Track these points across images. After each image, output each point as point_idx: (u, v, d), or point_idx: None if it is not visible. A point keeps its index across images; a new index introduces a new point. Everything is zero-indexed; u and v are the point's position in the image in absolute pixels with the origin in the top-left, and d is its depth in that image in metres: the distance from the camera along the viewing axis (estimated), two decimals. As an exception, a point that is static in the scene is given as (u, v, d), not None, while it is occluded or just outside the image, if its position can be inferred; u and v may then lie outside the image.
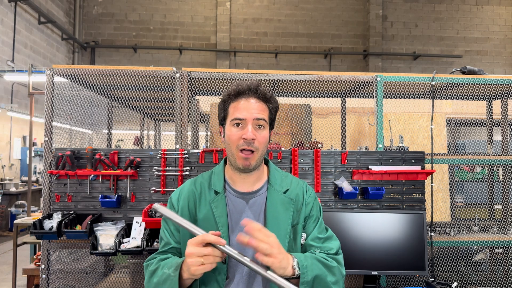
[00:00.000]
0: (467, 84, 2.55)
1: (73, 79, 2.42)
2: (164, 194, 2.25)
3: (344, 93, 2.97)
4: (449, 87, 2.69)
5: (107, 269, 2.57)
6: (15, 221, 4.26)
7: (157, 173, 2.25)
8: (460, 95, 2.89)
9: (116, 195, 2.21)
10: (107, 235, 2.11)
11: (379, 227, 2.16)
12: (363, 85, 2.58)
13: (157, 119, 4.35)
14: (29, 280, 3.62)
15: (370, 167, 2.32)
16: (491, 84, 2.54)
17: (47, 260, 2.28)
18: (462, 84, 2.56)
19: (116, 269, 2.60)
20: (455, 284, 2.18)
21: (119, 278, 2.44)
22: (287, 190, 1.38)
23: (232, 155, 1.31)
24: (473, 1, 11.47)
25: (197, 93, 2.75)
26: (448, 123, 3.76)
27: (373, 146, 2.45)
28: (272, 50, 11.11)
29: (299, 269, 1.17)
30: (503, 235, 2.64)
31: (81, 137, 2.65)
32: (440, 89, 2.76)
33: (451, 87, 2.69)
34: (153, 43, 10.99)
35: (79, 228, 2.16)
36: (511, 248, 2.83)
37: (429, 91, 2.68)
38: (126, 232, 2.18)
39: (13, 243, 4.12)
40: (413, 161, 2.36)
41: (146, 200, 2.27)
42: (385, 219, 2.18)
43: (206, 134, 4.04)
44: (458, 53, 11.32)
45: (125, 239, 2.14)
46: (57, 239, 2.14)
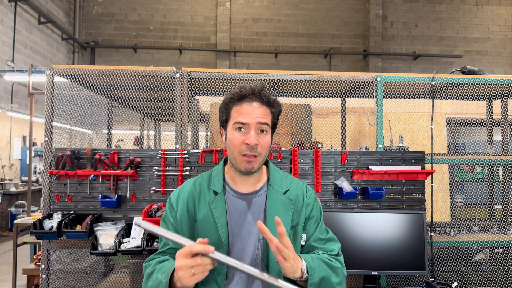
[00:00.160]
0: (467, 84, 2.55)
1: (73, 79, 2.42)
2: (164, 194, 2.26)
3: (344, 93, 2.97)
4: (449, 87, 2.69)
5: (107, 269, 2.57)
6: (15, 221, 4.25)
7: (157, 173, 2.25)
8: (460, 95, 2.89)
9: (116, 195, 2.21)
10: (107, 235, 2.11)
11: (379, 227, 2.16)
12: (363, 85, 2.58)
13: (157, 119, 4.35)
14: (29, 280, 3.62)
15: (370, 167, 2.32)
16: (491, 84, 2.54)
17: (47, 260, 2.28)
18: (462, 84, 2.56)
19: (116, 269, 2.60)
20: (455, 284, 2.18)
21: (119, 278, 2.44)
22: (287, 190, 1.37)
23: (234, 159, 1.29)
24: (473, 1, 11.47)
25: (197, 93, 2.75)
26: (448, 123, 3.76)
27: (373, 146, 2.45)
28: (272, 50, 11.11)
29: (307, 271, 1.18)
30: (503, 235, 2.64)
31: (81, 137, 2.65)
32: (440, 89, 2.76)
33: (451, 87, 2.69)
34: (153, 43, 10.99)
35: (79, 228, 2.17)
36: (511, 248, 2.83)
37: (429, 91, 2.68)
38: (126, 232, 2.18)
39: (13, 243, 4.11)
40: (413, 161, 2.36)
41: (146, 200, 2.27)
42: (385, 219, 2.18)
43: (206, 134, 4.03)
44: (458, 53, 11.32)
45: (125, 239, 2.14)
46: (57, 239, 2.14)
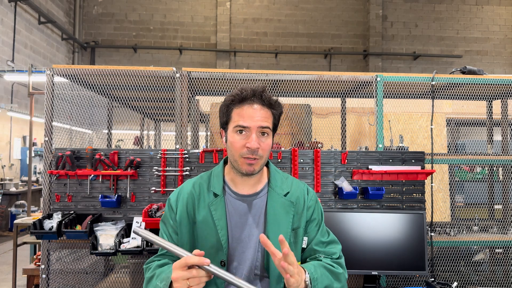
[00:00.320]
0: (467, 84, 2.55)
1: (73, 79, 2.42)
2: (164, 194, 2.25)
3: (344, 93, 2.97)
4: (449, 87, 2.69)
5: (107, 269, 2.57)
6: (15, 221, 4.25)
7: (157, 173, 2.25)
8: (460, 95, 2.89)
9: (116, 195, 2.21)
10: (107, 235, 2.11)
11: (379, 227, 2.16)
12: (363, 85, 2.58)
13: (157, 119, 4.35)
14: (29, 280, 3.62)
15: (370, 167, 2.32)
16: (491, 84, 2.54)
17: (47, 260, 2.28)
18: (462, 84, 2.56)
19: (116, 269, 2.60)
20: (455, 284, 2.18)
21: (119, 278, 2.44)
22: (287, 193, 1.36)
23: (235, 161, 1.28)
24: (473, 1, 11.47)
25: (197, 93, 2.75)
26: (448, 123, 3.76)
27: (373, 146, 2.45)
28: (272, 50, 11.11)
29: (311, 282, 1.18)
30: (503, 235, 2.64)
31: (81, 137, 2.65)
32: (440, 89, 2.76)
33: (451, 87, 2.69)
34: (153, 43, 10.99)
35: (79, 228, 2.16)
36: (511, 248, 2.83)
37: (429, 91, 2.68)
38: (126, 232, 2.18)
39: (13, 243, 4.11)
40: (413, 161, 2.36)
41: (146, 200, 2.27)
42: (385, 219, 2.18)
43: (206, 134, 4.03)
44: (458, 53, 11.32)
45: (125, 239, 2.14)
46: (57, 239, 2.14)
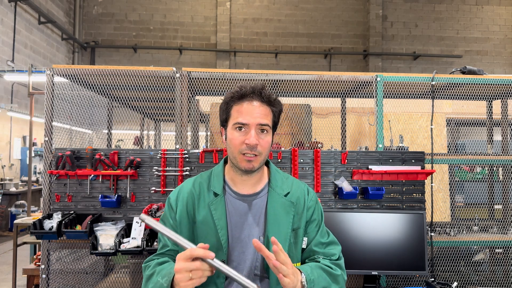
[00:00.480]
0: (467, 84, 2.55)
1: (73, 79, 2.42)
2: (164, 194, 2.25)
3: (344, 93, 2.97)
4: (449, 87, 2.69)
5: (107, 269, 2.57)
6: (15, 221, 4.25)
7: (157, 173, 2.25)
8: (460, 95, 2.89)
9: (116, 195, 2.21)
10: (107, 235, 2.11)
11: (379, 227, 2.16)
12: (363, 85, 2.58)
13: (157, 119, 4.35)
14: (29, 280, 3.62)
15: (370, 167, 2.32)
16: (491, 84, 2.54)
17: (47, 260, 2.28)
18: (462, 84, 2.56)
19: (116, 269, 2.60)
20: (455, 284, 2.18)
21: (119, 278, 2.44)
22: (288, 193, 1.36)
23: (234, 158, 1.28)
24: (473, 1, 11.47)
25: (197, 93, 2.75)
26: (448, 123, 3.76)
27: (373, 146, 2.45)
28: (272, 50, 11.11)
29: (307, 284, 1.17)
30: (503, 235, 2.64)
31: (81, 137, 2.65)
32: (440, 89, 2.76)
33: (451, 87, 2.69)
34: (153, 43, 10.99)
35: (79, 228, 2.16)
36: (511, 248, 2.83)
37: (429, 91, 2.68)
38: (126, 232, 2.18)
39: (13, 243, 4.11)
40: (413, 161, 2.36)
41: (146, 200, 2.27)
42: (385, 219, 2.17)
43: (206, 134, 4.03)
44: (458, 53, 11.32)
45: (125, 239, 2.14)
46: (57, 239, 2.14)
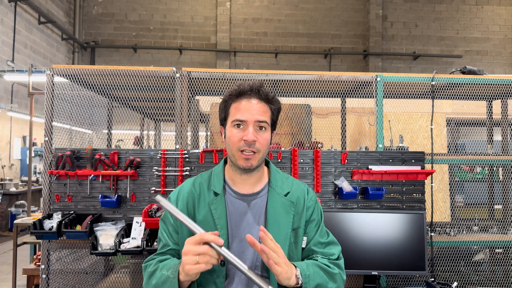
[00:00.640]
0: (467, 84, 2.55)
1: (73, 79, 2.42)
2: (164, 194, 2.25)
3: (344, 93, 2.97)
4: (449, 87, 2.69)
5: (107, 269, 2.57)
6: (15, 221, 4.26)
7: (157, 173, 2.25)
8: (460, 95, 2.89)
9: (116, 195, 2.21)
10: (107, 235, 2.11)
11: (379, 227, 2.16)
12: (363, 85, 2.58)
13: (157, 119, 4.35)
14: (29, 280, 3.62)
15: (370, 167, 2.32)
16: (491, 84, 2.54)
17: (47, 260, 2.28)
18: (462, 84, 2.56)
19: (116, 269, 2.60)
20: (455, 284, 2.18)
21: (119, 278, 2.44)
22: (288, 193, 1.36)
23: (233, 156, 1.29)
24: (473, 1, 11.47)
25: (197, 93, 2.75)
26: (448, 123, 3.76)
27: (373, 146, 2.45)
28: (272, 50, 11.11)
29: (302, 278, 1.18)
30: (503, 235, 2.64)
31: (81, 137, 2.65)
32: (440, 89, 2.76)
33: (451, 87, 2.69)
34: (153, 43, 10.99)
35: (79, 228, 2.16)
36: (511, 248, 2.83)
37: (429, 91, 2.68)
38: (126, 232, 2.18)
39: (13, 243, 4.12)
40: (413, 161, 2.36)
41: (146, 200, 2.27)
42: (385, 219, 2.17)
43: (206, 134, 4.04)
44: (458, 53, 11.32)
45: (125, 239, 2.14)
46: (57, 239, 2.14)
